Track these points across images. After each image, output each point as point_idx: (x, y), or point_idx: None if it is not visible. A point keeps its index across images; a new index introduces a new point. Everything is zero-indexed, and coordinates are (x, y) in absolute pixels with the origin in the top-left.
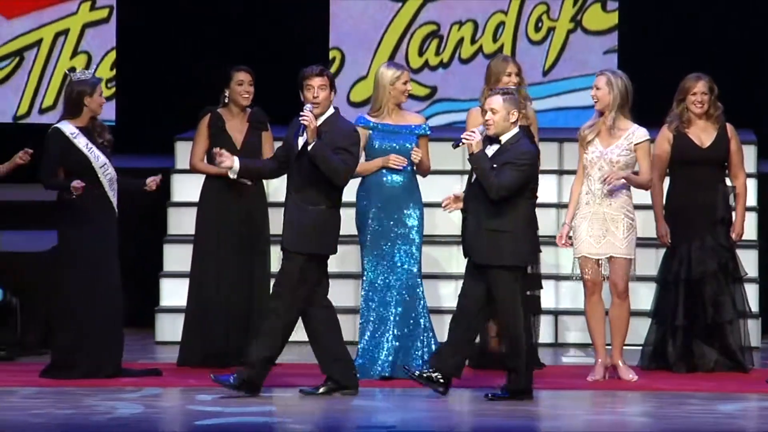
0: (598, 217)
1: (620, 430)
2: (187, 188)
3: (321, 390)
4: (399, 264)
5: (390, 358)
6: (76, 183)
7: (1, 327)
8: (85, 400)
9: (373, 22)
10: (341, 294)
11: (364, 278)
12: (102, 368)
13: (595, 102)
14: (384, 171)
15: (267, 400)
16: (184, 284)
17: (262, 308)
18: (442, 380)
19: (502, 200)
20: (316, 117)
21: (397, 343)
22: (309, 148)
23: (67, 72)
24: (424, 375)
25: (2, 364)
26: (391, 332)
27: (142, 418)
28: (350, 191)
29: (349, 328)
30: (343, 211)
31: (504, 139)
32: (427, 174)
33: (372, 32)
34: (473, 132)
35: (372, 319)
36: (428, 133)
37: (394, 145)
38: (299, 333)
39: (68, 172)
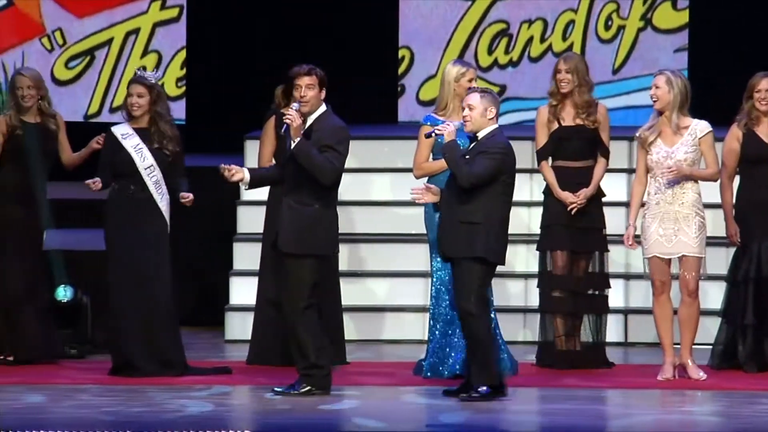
0: (669, 216)
1: (691, 429)
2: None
3: (299, 390)
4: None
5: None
6: (90, 180)
7: (72, 325)
8: (155, 398)
9: (442, 20)
10: (410, 293)
11: (434, 277)
12: (171, 363)
13: (655, 101)
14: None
15: (336, 398)
16: (253, 282)
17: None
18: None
19: (473, 188)
20: (305, 116)
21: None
22: (292, 147)
23: (136, 71)
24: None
25: (73, 362)
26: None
27: (211, 416)
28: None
29: (418, 326)
30: (406, 210)
31: (481, 135)
32: None
33: (441, 31)
34: (449, 123)
35: (442, 317)
36: None
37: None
38: (370, 332)
39: (116, 172)
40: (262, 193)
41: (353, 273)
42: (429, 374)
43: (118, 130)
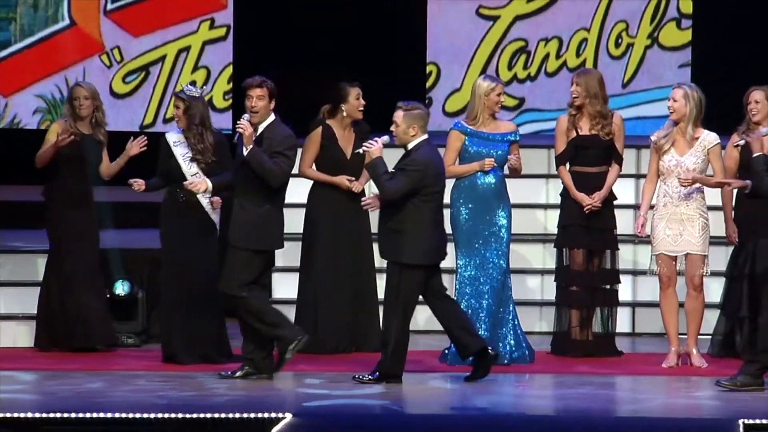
0: (675, 217)
1: (694, 412)
2: (297, 191)
3: (238, 374)
4: (489, 259)
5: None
6: (132, 180)
7: (129, 317)
8: (204, 383)
9: (467, 38)
10: None
11: (458, 272)
12: (211, 357)
13: (672, 112)
14: (477, 174)
15: (368, 384)
16: (293, 278)
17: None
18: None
19: (394, 202)
20: (257, 124)
21: (488, 332)
22: (245, 153)
23: (182, 86)
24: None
25: (130, 350)
26: (482, 322)
27: (254, 400)
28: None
29: (430, 316)
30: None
31: (410, 147)
32: (520, 172)
33: (466, 48)
34: (376, 140)
35: (465, 309)
36: (518, 139)
37: (487, 150)
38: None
39: (168, 178)
40: (302, 195)
41: (384, 270)
42: (453, 362)
43: (170, 138)
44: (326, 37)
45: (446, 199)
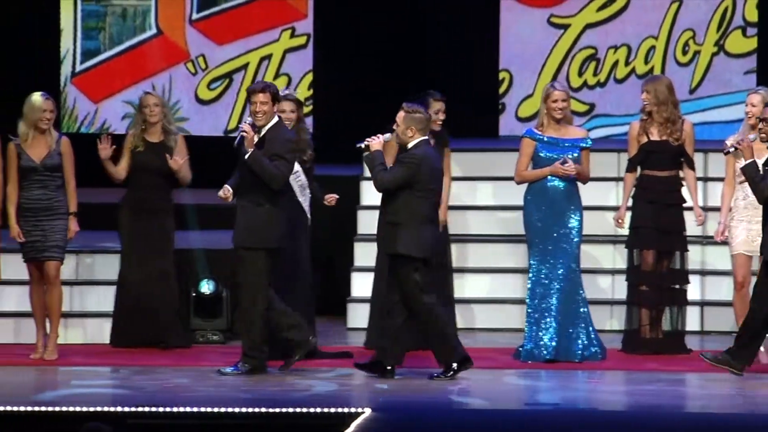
0: (756, 219)
1: (762, 409)
2: (374, 193)
3: (242, 370)
4: (561, 260)
5: (553, 343)
6: (221, 193)
7: (214, 315)
8: (286, 379)
9: (538, 46)
10: (511, 286)
11: (531, 273)
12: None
13: (749, 117)
14: (549, 177)
15: (448, 381)
16: (371, 277)
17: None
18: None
19: (386, 192)
20: (261, 127)
21: (559, 330)
22: (246, 157)
23: (287, 90)
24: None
25: (216, 346)
26: (554, 320)
27: (335, 394)
28: (518, 196)
29: (517, 316)
30: (507, 213)
31: (410, 145)
32: (586, 182)
33: (537, 55)
34: (378, 136)
35: (537, 308)
36: (589, 145)
37: (557, 156)
38: (476, 321)
39: None
40: (379, 198)
41: (462, 269)
42: (526, 359)
43: None
44: (401, 45)
45: (519, 202)
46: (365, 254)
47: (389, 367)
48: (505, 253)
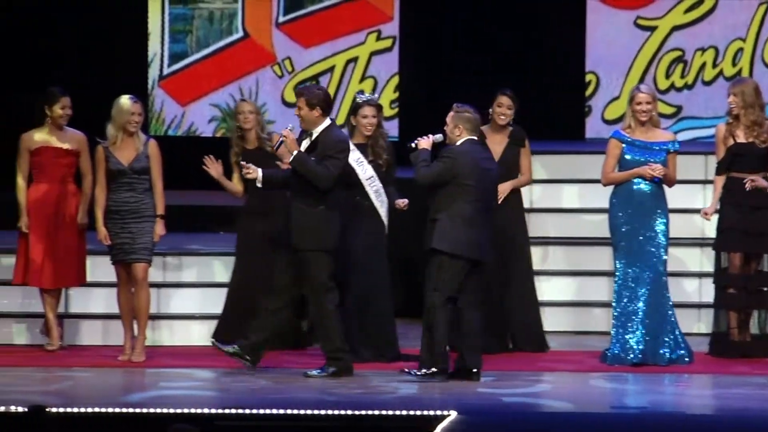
0: None
1: None
2: None
3: (327, 372)
4: (648, 263)
5: (640, 346)
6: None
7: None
8: (371, 381)
9: (625, 48)
10: (597, 289)
11: (617, 276)
12: (383, 353)
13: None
14: (635, 180)
15: (532, 382)
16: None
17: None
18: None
19: (428, 187)
20: (310, 131)
21: (646, 334)
22: (290, 160)
23: (355, 95)
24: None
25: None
26: (641, 324)
27: (420, 397)
28: (604, 198)
29: (603, 319)
30: (593, 216)
31: (457, 144)
32: (672, 185)
33: (624, 58)
34: (429, 136)
35: (624, 312)
36: (676, 149)
37: (644, 158)
38: (562, 324)
39: (342, 182)
40: None
41: (547, 272)
42: (613, 362)
43: None
44: (487, 47)
45: (605, 204)
46: None
47: (475, 370)
48: (591, 255)
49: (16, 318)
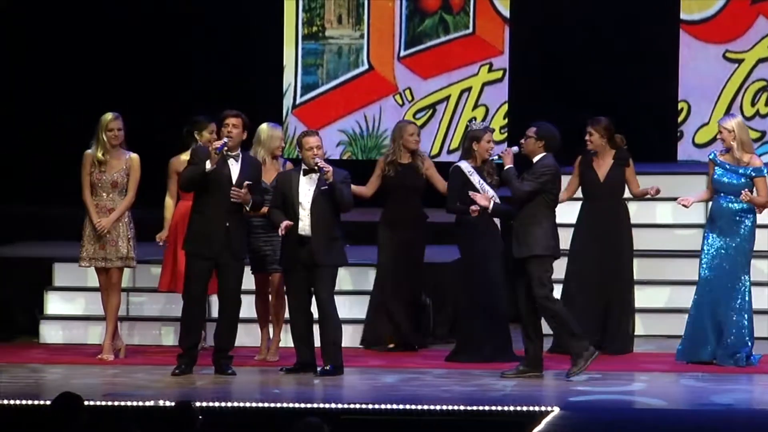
0: None
1: None
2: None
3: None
4: (728, 272)
5: (709, 348)
6: (474, 207)
7: (418, 322)
8: (483, 379)
9: (714, 79)
10: (689, 297)
11: (698, 284)
12: (497, 353)
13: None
14: (721, 195)
15: (627, 381)
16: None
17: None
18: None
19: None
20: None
21: (716, 339)
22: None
23: (468, 122)
24: None
25: (417, 351)
26: (714, 329)
27: (527, 394)
28: (695, 215)
29: (677, 323)
30: (685, 231)
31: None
32: (762, 210)
33: (713, 87)
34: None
35: (699, 313)
36: (760, 174)
37: (729, 180)
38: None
39: (463, 201)
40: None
41: (645, 281)
42: (680, 359)
43: (464, 167)
44: (585, 79)
45: (695, 221)
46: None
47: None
48: (681, 267)
49: (163, 321)
